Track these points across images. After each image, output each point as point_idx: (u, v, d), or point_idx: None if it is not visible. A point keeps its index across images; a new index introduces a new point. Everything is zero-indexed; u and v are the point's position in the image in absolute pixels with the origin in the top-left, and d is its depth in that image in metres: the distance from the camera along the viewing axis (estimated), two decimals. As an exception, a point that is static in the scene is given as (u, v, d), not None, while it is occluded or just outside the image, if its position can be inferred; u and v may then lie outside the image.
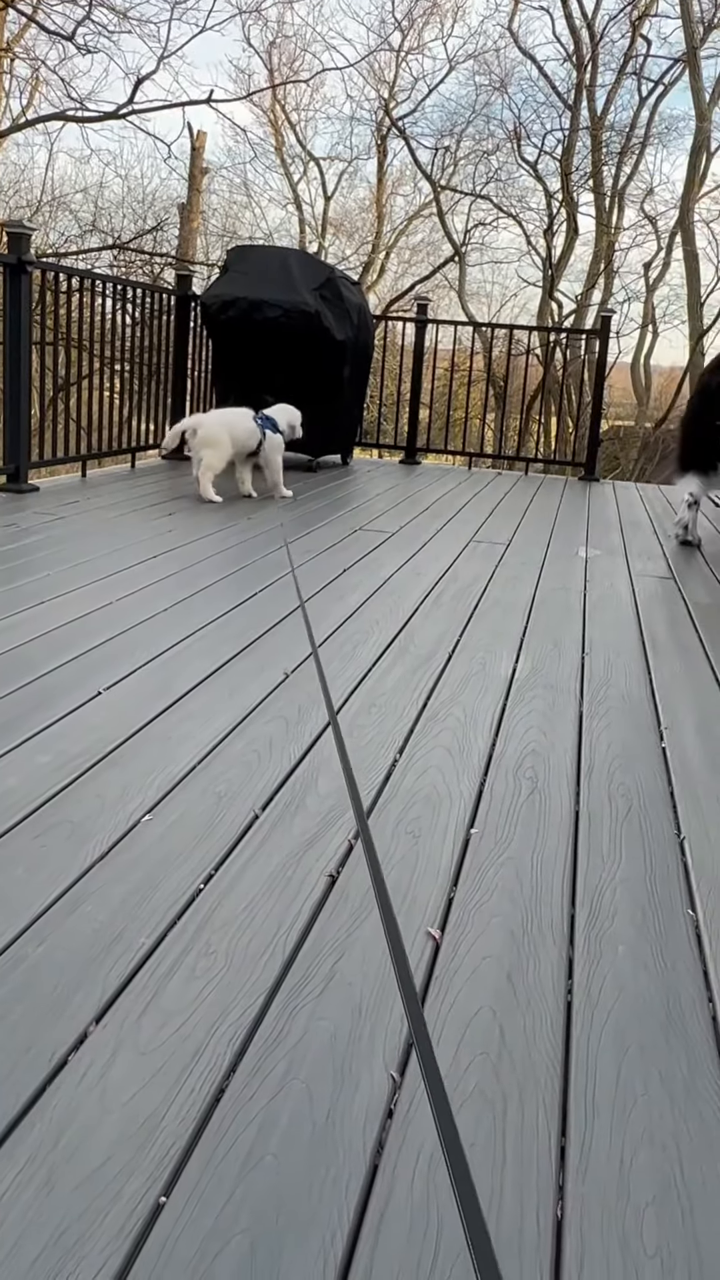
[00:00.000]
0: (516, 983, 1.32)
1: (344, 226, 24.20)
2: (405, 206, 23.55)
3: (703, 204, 19.96)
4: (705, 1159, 1.05)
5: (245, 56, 23.89)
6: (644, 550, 4.64)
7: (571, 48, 20.27)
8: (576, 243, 21.22)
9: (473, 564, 3.97)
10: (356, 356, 6.57)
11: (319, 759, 1.99)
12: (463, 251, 22.21)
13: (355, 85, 31.52)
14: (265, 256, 6.43)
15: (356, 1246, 0.92)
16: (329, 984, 1.29)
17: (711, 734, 2.28)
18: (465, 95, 27.71)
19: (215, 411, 5.34)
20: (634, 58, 20.26)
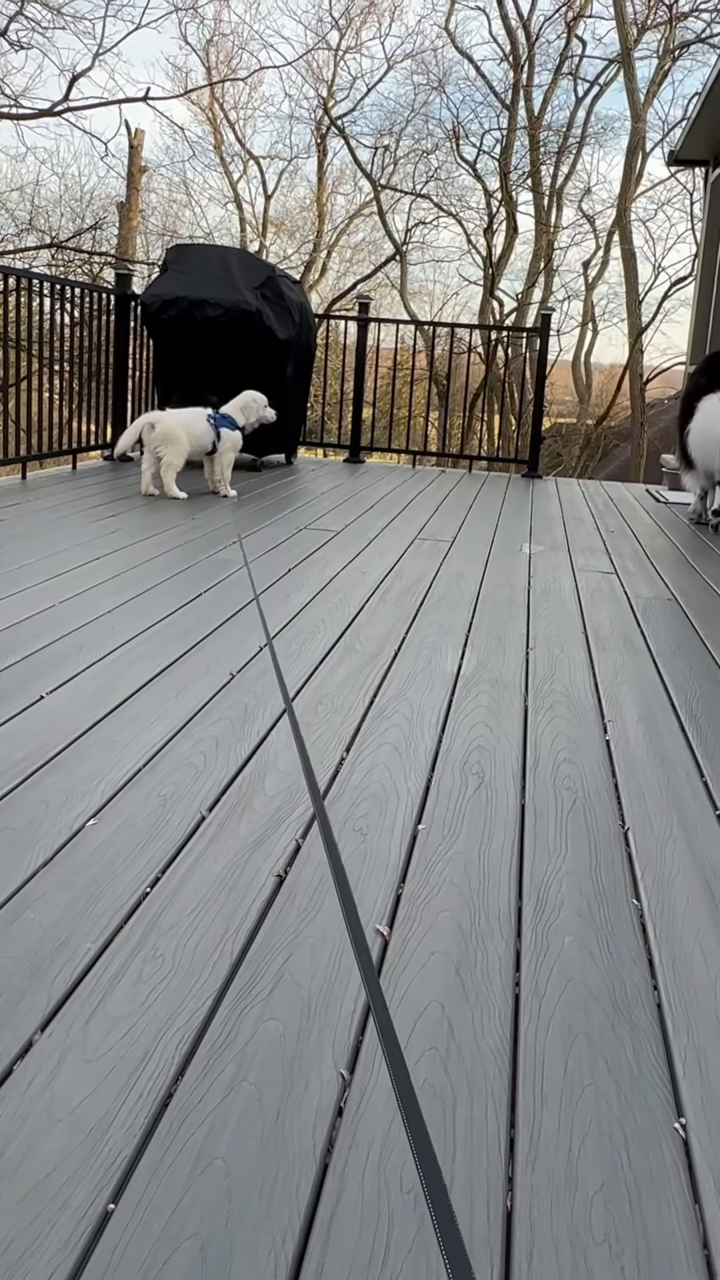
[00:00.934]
0: (465, 977, 1.33)
1: (285, 225, 24.15)
2: (346, 205, 23.56)
3: (639, 203, 20.23)
4: (652, 1145, 1.07)
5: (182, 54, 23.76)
6: (586, 545, 4.69)
7: (508, 48, 20.43)
8: (516, 241, 21.38)
9: (418, 561, 3.99)
10: (299, 355, 6.56)
11: (266, 759, 1.98)
12: (404, 250, 22.27)
13: (294, 84, 31.46)
14: (205, 255, 6.39)
15: (308, 1245, 0.92)
16: (278, 984, 1.29)
17: (654, 725, 2.31)
18: (404, 94, 27.81)
19: (172, 410, 5.32)
20: (570, 58, 20.46)
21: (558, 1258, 0.92)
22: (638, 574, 4.08)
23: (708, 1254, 0.94)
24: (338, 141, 22.34)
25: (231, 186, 23.18)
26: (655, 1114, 1.11)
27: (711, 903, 1.56)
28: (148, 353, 6.81)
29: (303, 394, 7.01)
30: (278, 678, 2.39)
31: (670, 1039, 1.24)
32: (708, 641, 3.07)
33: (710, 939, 1.46)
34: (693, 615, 3.40)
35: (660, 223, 31.35)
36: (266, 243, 23.56)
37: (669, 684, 2.62)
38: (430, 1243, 0.93)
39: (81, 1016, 1.20)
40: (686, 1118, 1.11)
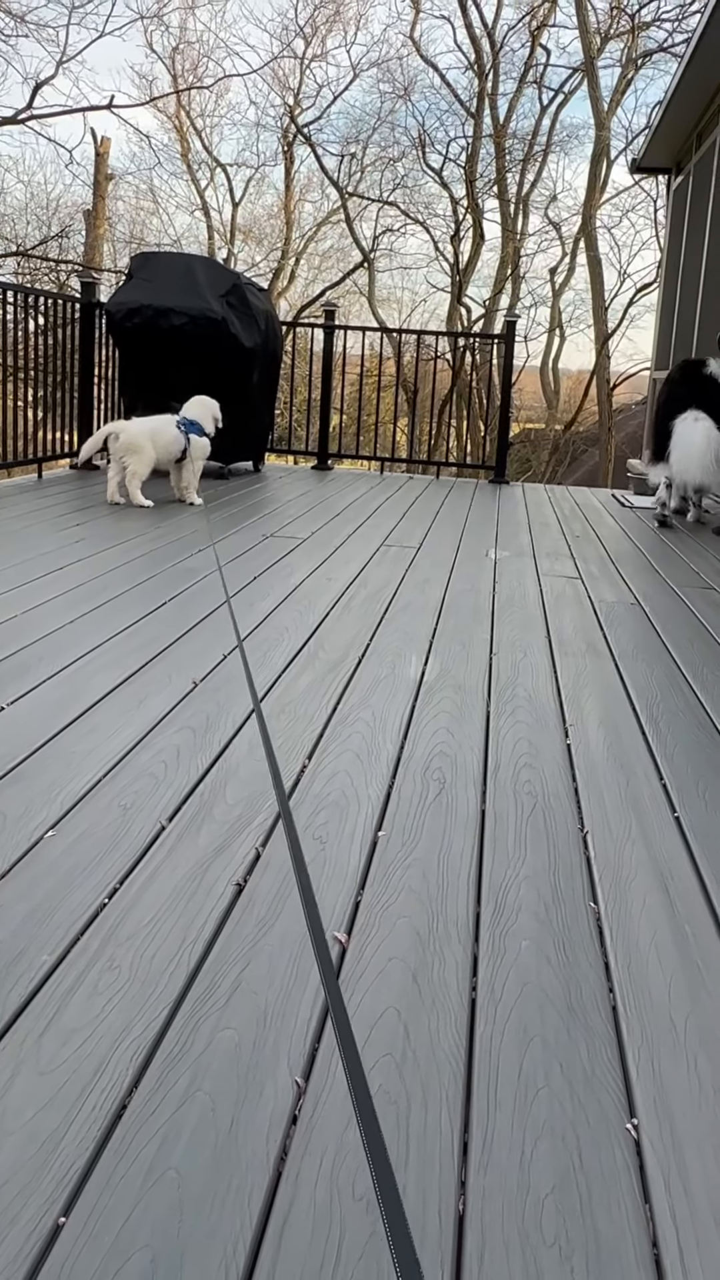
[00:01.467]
0: (422, 983, 1.34)
1: (253, 233, 24.16)
2: (313, 213, 23.62)
3: (604, 210, 20.41)
4: (604, 1146, 1.07)
5: (148, 62, 23.71)
6: (552, 550, 4.72)
7: (473, 57, 20.56)
8: (483, 249, 21.50)
9: (383, 568, 4.00)
10: (265, 363, 6.57)
11: (228, 767, 1.98)
12: (371, 258, 22.34)
13: (260, 92, 31.53)
14: (170, 263, 6.39)
15: (259, 1254, 0.92)
16: (234, 993, 1.29)
17: (615, 729, 2.33)
18: (370, 102, 27.94)
19: (138, 419, 5.28)
20: (534, 67, 20.62)
21: (508, 1260, 0.93)
22: (602, 578, 4.11)
23: (656, 1252, 0.95)
24: (305, 149, 22.40)
25: (199, 194, 23.17)
26: (608, 1115, 1.12)
27: (668, 904, 1.57)
28: (114, 361, 6.79)
29: (269, 401, 7.02)
30: (247, 679, 2.39)
31: (624, 1041, 1.25)
32: (669, 645, 3.10)
33: (666, 941, 1.47)
34: (655, 619, 3.43)
35: (625, 229, 31.65)
36: (235, 250, 23.57)
37: (630, 687, 2.64)
38: (382, 1248, 0.93)
39: (36, 1030, 1.20)
40: (639, 1118, 1.12)
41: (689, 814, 1.90)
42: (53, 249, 19.24)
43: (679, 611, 3.58)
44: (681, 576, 4.25)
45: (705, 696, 2.60)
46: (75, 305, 6.57)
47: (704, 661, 2.93)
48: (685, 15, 17.84)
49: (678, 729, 2.35)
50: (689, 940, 1.48)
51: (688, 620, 3.44)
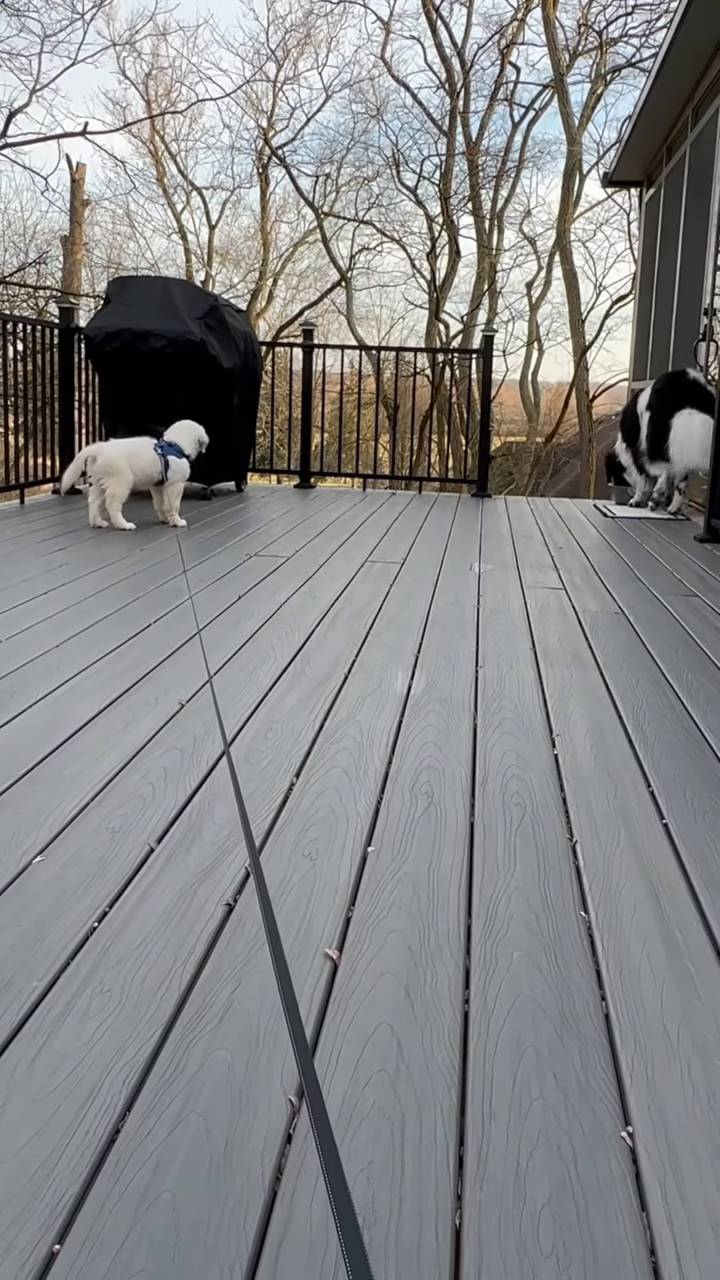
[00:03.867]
0: (414, 997, 1.33)
1: (230, 255, 24.28)
2: (290, 233, 23.76)
3: (578, 224, 20.58)
4: (599, 1155, 1.07)
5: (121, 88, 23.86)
6: (535, 562, 4.74)
7: (444, 76, 20.75)
8: (459, 265, 21.65)
9: (368, 584, 4.01)
10: (245, 383, 6.59)
11: (215, 787, 1.98)
12: (349, 276, 22.47)
13: (234, 115, 31.75)
14: (147, 287, 6.41)
15: (256, 1275, 0.92)
16: (226, 1013, 1.28)
17: (602, 738, 2.34)
18: (343, 123, 28.12)
19: (115, 441, 5.27)
20: (505, 84, 20.82)
21: (506, 1273, 0.93)
22: (586, 589, 4.13)
23: (654, 1260, 0.95)
24: (279, 171, 22.55)
25: (175, 218, 23.28)
26: (603, 1124, 1.12)
27: (658, 912, 1.58)
28: (95, 386, 6.80)
29: (250, 422, 7.04)
30: (217, 718, 2.39)
31: (618, 1049, 1.25)
32: (654, 653, 3.11)
33: (657, 948, 1.47)
34: (639, 628, 3.45)
35: (600, 242, 31.93)
36: (212, 272, 23.67)
37: (616, 696, 2.65)
38: (379, 1266, 0.93)
39: (27, 1056, 1.19)
40: (634, 1126, 1.12)
41: (677, 821, 1.90)
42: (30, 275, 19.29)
43: (662, 619, 3.59)
44: (664, 585, 4.27)
45: (691, 703, 2.61)
46: (54, 331, 6.58)
47: (689, 668, 2.94)
48: (652, 31, 18.07)
49: (664, 736, 2.36)
50: (680, 947, 1.48)
51: (671, 628, 3.46)
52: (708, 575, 4.54)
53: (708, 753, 2.26)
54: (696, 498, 6.56)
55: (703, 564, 4.85)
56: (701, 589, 4.20)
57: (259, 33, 26.32)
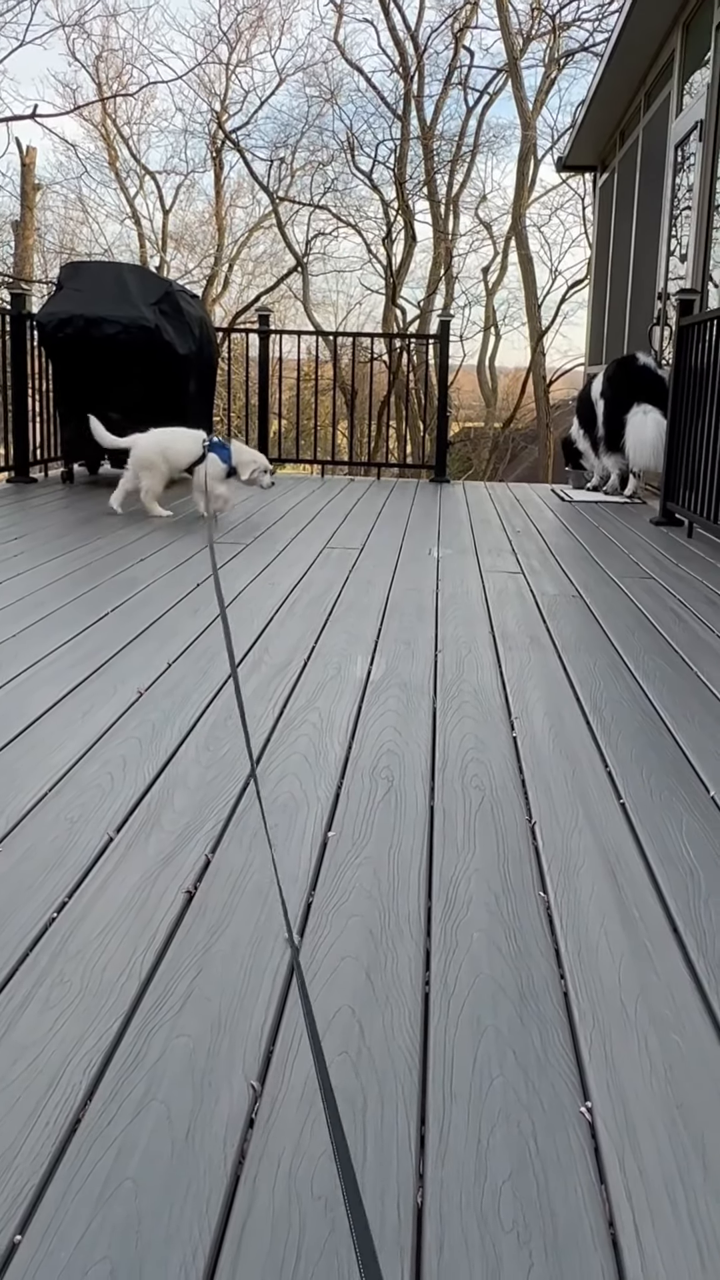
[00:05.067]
0: (375, 980, 1.34)
1: (185, 240, 24.07)
2: (245, 218, 23.60)
3: (533, 209, 20.63)
4: (559, 1130, 1.09)
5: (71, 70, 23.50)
6: (493, 547, 4.75)
7: (397, 59, 20.67)
8: (415, 250, 21.62)
9: (327, 570, 4.00)
10: (201, 370, 6.54)
11: (175, 775, 1.97)
12: (305, 262, 22.36)
13: (186, 98, 31.43)
14: (100, 272, 6.34)
15: (219, 1258, 0.92)
16: (187, 1000, 1.28)
17: (560, 718, 2.36)
18: (297, 107, 27.94)
19: (155, 432, 5.27)
20: (458, 68, 20.79)
21: (467, 1248, 0.94)
22: (543, 572, 4.15)
23: (613, 1232, 0.96)
24: (233, 155, 22.38)
25: (128, 202, 23.04)
26: (562, 1100, 1.13)
27: (616, 889, 1.59)
28: (49, 373, 6.72)
29: (207, 408, 6.99)
30: (227, 645, 2.38)
31: (576, 1026, 1.26)
32: (611, 634, 3.14)
33: (615, 925, 1.49)
34: (596, 610, 3.48)
35: (555, 228, 32.01)
36: (167, 258, 23.45)
37: (574, 678, 2.67)
38: (342, 1245, 0.93)
39: (-14, 1048, 1.18)
40: (592, 1101, 1.13)
41: (634, 800, 1.92)
42: (-19, 261, 19.00)
43: (619, 601, 3.62)
44: (621, 567, 4.31)
45: (647, 684, 2.64)
46: (5, 317, 6.49)
47: (645, 649, 2.97)
48: (605, 15, 18.10)
49: (621, 717, 2.38)
50: (637, 924, 1.50)
51: (628, 609, 3.49)
52: (663, 557, 4.58)
53: (663, 732, 2.29)
54: (652, 481, 6.62)
55: (658, 546, 4.90)
56: (657, 571, 4.24)
57: (210, 14, 26.02)
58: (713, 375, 4.74)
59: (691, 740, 2.24)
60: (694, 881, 1.63)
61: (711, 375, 4.76)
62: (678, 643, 3.06)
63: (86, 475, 6.94)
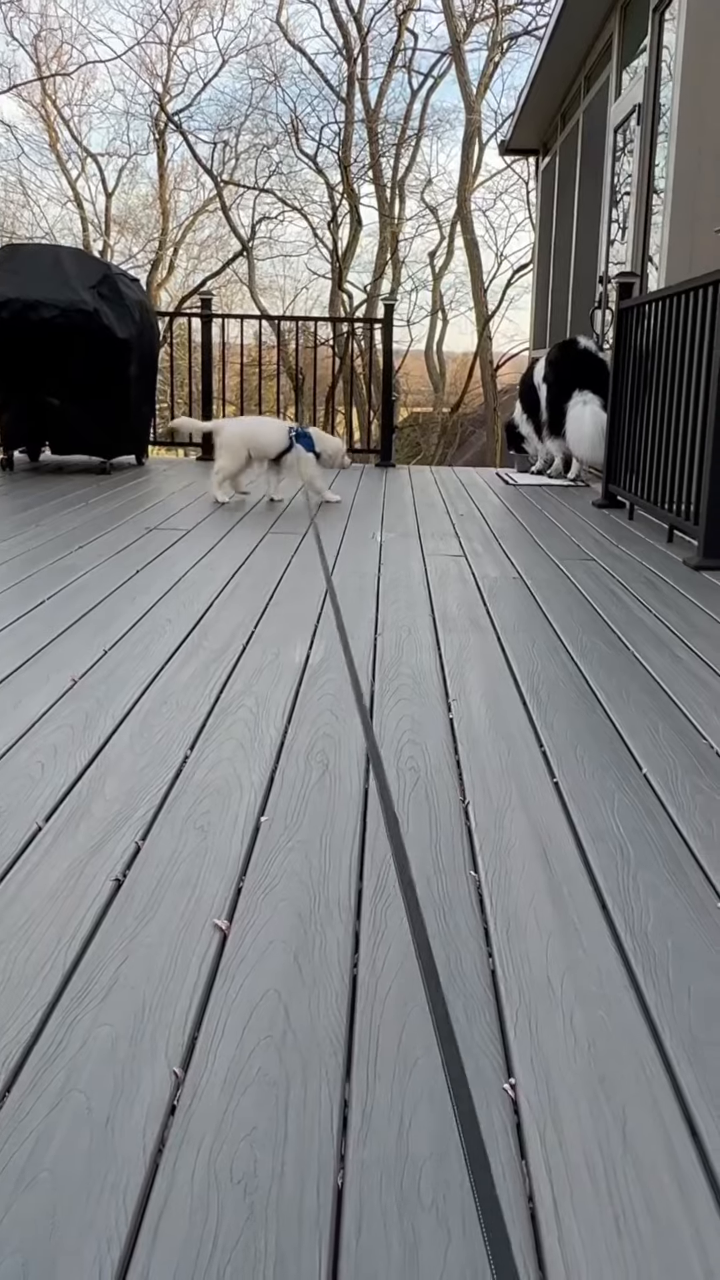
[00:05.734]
0: (303, 963, 1.33)
1: (128, 224, 23.78)
2: (189, 202, 23.35)
3: (478, 193, 20.63)
4: (482, 1108, 1.09)
5: (9, 50, 23.04)
6: (437, 530, 4.76)
7: (341, 41, 20.54)
8: (361, 234, 21.54)
9: (269, 555, 3.98)
10: (142, 354, 6.46)
11: (107, 763, 1.95)
12: (250, 246, 22.20)
13: (128, 79, 30.98)
14: (36, 255, 6.23)
15: (135, 1247, 0.91)
16: (112, 989, 1.27)
17: (497, 701, 2.36)
18: (240, 89, 27.68)
19: (242, 419, 5.54)
20: (402, 51, 20.71)
21: (386, 1228, 0.93)
22: (486, 555, 4.16)
23: (532, 1207, 0.97)
24: (176, 137, 22.13)
25: (70, 185, 22.70)
26: (486, 1077, 1.14)
27: (546, 868, 1.60)
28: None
29: (149, 393, 6.91)
30: (321, 560, 2.35)
31: (503, 1004, 1.27)
32: (550, 616, 3.15)
33: (544, 903, 1.50)
34: (537, 592, 3.49)
35: (500, 212, 32.07)
36: (110, 241, 23.16)
37: (512, 660, 2.68)
38: (259, 1229, 0.93)
39: None
40: (516, 1077, 1.13)
41: (567, 779, 1.93)
42: None
43: (560, 583, 3.64)
44: (563, 549, 4.33)
45: (584, 664, 2.65)
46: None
47: (583, 630, 2.99)
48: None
49: (557, 697, 2.39)
50: (566, 900, 1.50)
51: (568, 591, 3.51)
52: (604, 539, 4.62)
53: (598, 711, 2.30)
54: (595, 464, 6.66)
55: (600, 528, 4.93)
56: (598, 553, 4.27)
57: (152, -6, 25.61)
58: (652, 357, 4.77)
59: (625, 719, 2.26)
60: (624, 858, 1.64)
61: (651, 357, 4.79)
62: (615, 623, 3.09)
63: (27, 462, 6.84)
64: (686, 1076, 1.14)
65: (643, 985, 1.31)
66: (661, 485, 4.56)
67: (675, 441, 4.34)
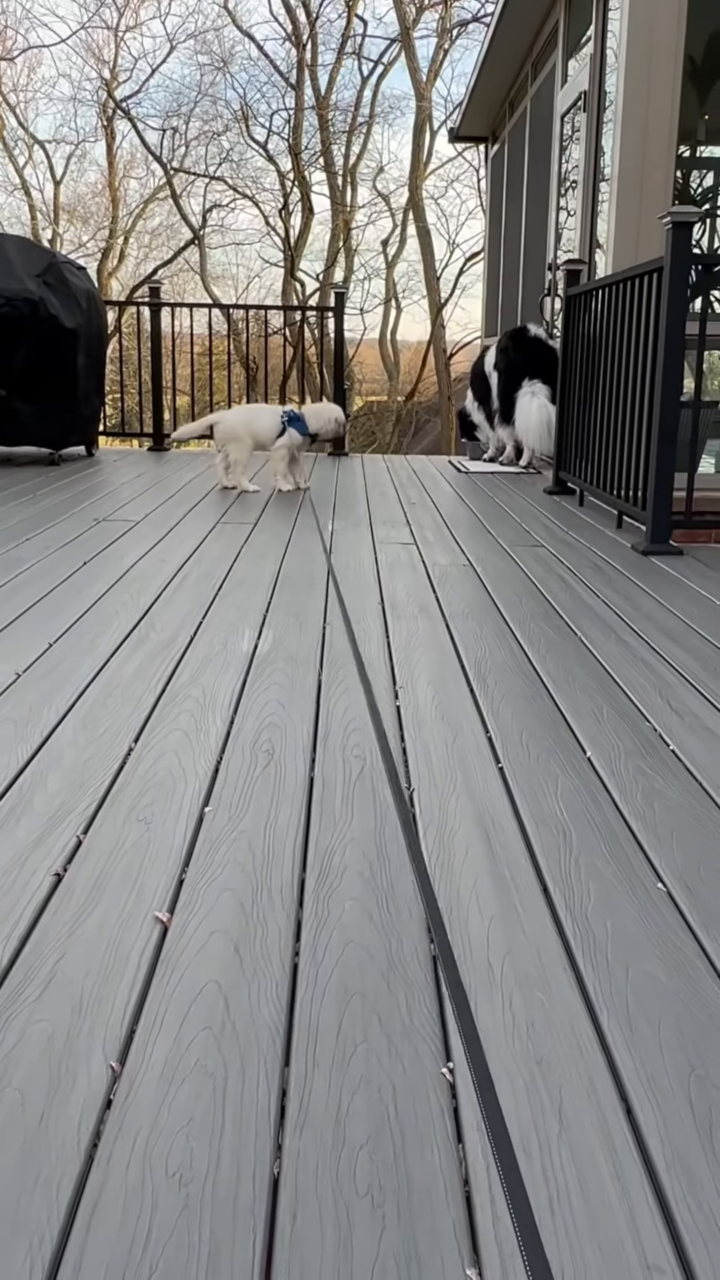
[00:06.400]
0: (244, 953, 1.33)
1: (78, 212, 23.49)
2: (140, 190, 23.09)
3: (430, 181, 20.61)
4: (419, 1093, 1.09)
5: (-48, 34, 22.58)
6: (388, 519, 4.76)
7: (290, 27, 20.40)
8: (313, 222, 21.44)
9: (219, 545, 3.96)
10: (90, 344, 6.39)
11: (50, 757, 1.93)
12: (201, 234, 22.01)
13: (74, 65, 30.55)
14: (-21, 243, 6.13)
15: (68, 1243, 0.90)
16: (49, 984, 1.25)
17: (444, 687, 2.37)
18: (189, 75, 27.33)
19: (237, 408, 5.65)
20: (352, 37, 20.60)
21: (321, 1215, 0.93)
22: (436, 543, 4.16)
23: (468, 1190, 0.97)
24: (125, 124, 21.86)
25: (17, 172, 22.35)
26: (424, 1062, 1.14)
27: (489, 853, 1.61)
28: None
29: (98, 383, 6.84)
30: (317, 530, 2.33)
31: (443, 989, 1.27)
32: (499, 602, 3.16)
33: (486, 887, 1.50)
34: (486, 579, 3.50)
35: (451, 199, 32.10)
36: (60, 230, 22.86)
37: (460, 646, 2.69)
38: (194, 1221, 0.92)
39: None
40: (454, 1062, 1.14)
41: (512, 764, 1.94)
42: None
43: (509, 570, 3.66)
44: (513, 536, 4.35)
45: (531, 650, 2.67)
46: None
47: (530, 616, 3.00)
48: (495, -15, 18.10)
49: (504, 683, 2.40)
50: (508, 885, 1.51)
51: (518, 578, 3.53)
52: (554, 526, 4.64)
53: (544, 696, 2.32)
54: (546, 451, 6.69)
55: (550, 515, 4.96)
56: (548, 539, 4.29)
57: (97, -23, 25.25)
58: (600, 344, 4.80)
59: (571, 702, 2.28)
60: (566, 842, 1.65)
61: (598, 344, 4.82)
62: (563, 608, 3.10)
63: (-26, 454, 6.74)
64: (623, 1055, 1.15)
65: (582, 967, 1.32)
66: (610, 471, 4.59)
67: (623, 428, 4.37)
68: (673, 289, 3.82)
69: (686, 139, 6.54)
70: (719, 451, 5.28)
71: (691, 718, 2.21)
